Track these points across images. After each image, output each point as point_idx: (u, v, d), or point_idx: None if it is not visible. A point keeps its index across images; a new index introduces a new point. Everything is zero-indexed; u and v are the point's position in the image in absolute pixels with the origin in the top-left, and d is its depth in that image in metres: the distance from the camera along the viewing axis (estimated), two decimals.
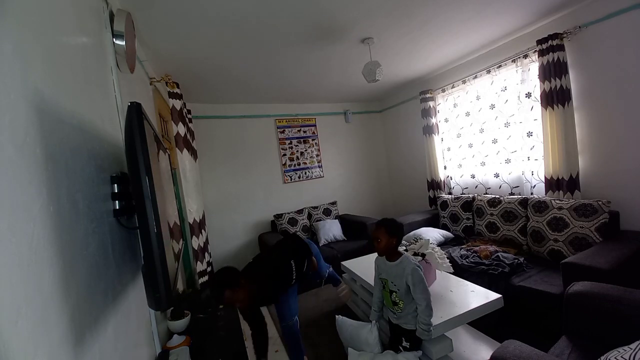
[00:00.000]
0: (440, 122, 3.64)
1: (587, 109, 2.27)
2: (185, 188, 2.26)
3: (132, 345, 0.98)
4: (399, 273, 1.54)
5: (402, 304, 1.56)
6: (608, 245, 1.88)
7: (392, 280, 1.59)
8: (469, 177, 3.35)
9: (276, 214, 3.70)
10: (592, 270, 1.61)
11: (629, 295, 1.24)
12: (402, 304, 1.56)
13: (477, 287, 1.84)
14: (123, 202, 0.94)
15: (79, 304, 0.63)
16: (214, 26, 1.84)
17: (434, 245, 2.19)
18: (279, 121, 3.98)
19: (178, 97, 2.20)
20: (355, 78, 3.19)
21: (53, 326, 0.53)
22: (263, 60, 2.47)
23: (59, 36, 0.75)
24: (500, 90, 2.86)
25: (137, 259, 1.10)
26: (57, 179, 0.61)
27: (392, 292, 1.60)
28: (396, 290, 1.57)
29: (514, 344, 1.16)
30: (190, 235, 2.33)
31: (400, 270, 1.54)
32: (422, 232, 2.93)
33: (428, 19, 2.12)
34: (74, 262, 0.63)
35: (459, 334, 1.96)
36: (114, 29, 1.22)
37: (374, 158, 4.73)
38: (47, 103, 0.61)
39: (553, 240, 2.21)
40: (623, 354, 0.89)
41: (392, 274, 1.58)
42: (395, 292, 1.58)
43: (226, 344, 1.44)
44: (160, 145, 1.26)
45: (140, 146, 0.80)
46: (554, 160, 2.38)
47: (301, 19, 1.90)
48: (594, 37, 2.16)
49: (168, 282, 0.84)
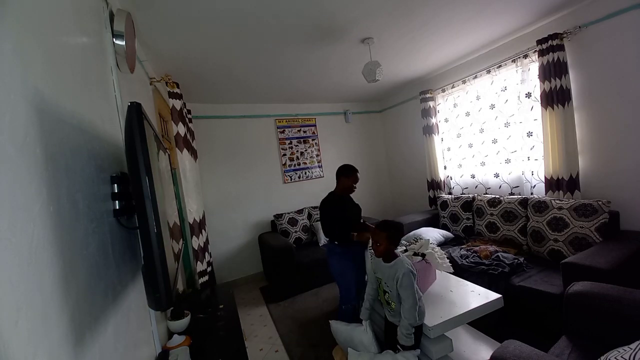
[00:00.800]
0: (440, 122, 3.64)
1: (587, 109, 2.27)
2: (185, 188, 2.26)
3: (132, 345, 0.98)
4: (392, 275, 1.54)
5: (394, 305, 1.56)
6: (608, 245, 1.88)
7: (385, 281, 1.60)
8: (469, 177, 3.35)
9: (276, 214, 3.70)
10: (592, 270, 1.61)
11: (629, 295, 1.24)
12: (394, 305, 1.56)
13: (477, 287, 1.84)
14: (123, 202, 0.94)
15: (79, 304, 0.63)
16: (214, 26, 1.84)
17: (434, 245, 2.19)
18: (279, 121, 3.99)
19: (178, 97, 2.20)
20: (355, 78, 3.19)
21: (53, 326, 0.53)
22: (263, 60, 2.47)
23: (59, 36, 0.75)
24: (500, 90, 2.86)
25: (137, 259, 1.10)
26: (57, 179, 0.61)
27: (385, 292, 1.61)
28: (389, 291, 1.58)
29: (514, 344, 1.16)
30: (190, 235, 2.33)
31: (393, 272, 1.54)
32: (422, 232, 2.93)
33: (428, 19, 2.12)
34: (74, 262, 0.63)
35: (459, 334, 1.96)
36: (114, 29, 1.22)
37: (374, 158, 4.73)
38: (47, 103, 0.61)
39: (553, 240, 2.21)
40: (623, 354, 0.89)
41: (386, 275, 1.59)
42: (388, 293, 1.59)
43: (226, 344, 1.44)
44: (160, 145, 1.26)
45: (140, 146, 0.80)
46: (554, 160, 2.38)
47: (301, 19, 1.90)
48: (594, 37, 2.16)
49: (168, 282, 0.84)
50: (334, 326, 1.91)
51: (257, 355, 2.17)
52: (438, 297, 1.80)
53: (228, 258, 3.61)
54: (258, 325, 2.47)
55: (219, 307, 1.85)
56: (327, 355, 2.03)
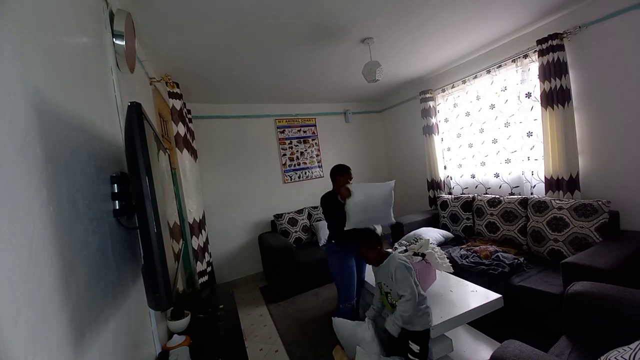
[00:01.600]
0: (440, 122, 3.64)
1: (587, 109, 2.27)
2: (185, 188, 2.26)
3: (132, 345, 0.98)
4: (387, 272, 1.57)
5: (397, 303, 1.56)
6: (608, 245, 1.88)
7: (384, 282, 1.61)
8: (469, 177, 3.35)
9: (276, 213, 3.70)
10: (592, 270, 1.61)
11: (629, 295, 1.24)
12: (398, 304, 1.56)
13: (477, 287, 1.84)
14: (123, 202, 0.94)
15: (79, 304, 0.63)
16: (214, 26, 1.84)
17: (434, 245, 2.19)
18: (279, 121, 3.98)
19: (178, 97, 2.20)
20: (355, 78, 3.19)
21: (53, 326, 0.53)
22: (263, 60, 2.47)
23: (59, 36, 0.75)
24: (500, 90, 2.86)
25: (137, 259, 1.10)
26: (57, 179, 0.61)
27: (387, 293, 1.61)
28: (389, 290, 1.59)
29: (514, 344, 1.16)
30: (190, 235, 2.33)
31: (387, 269, 1.57)
32: (422, 232, 2.93)
33: (428, 18, 2.12)
34: (74, 262, 0.63)
35: (459, 334, 1.96)
36: (114, 29, 1.22)
37: (374, 158, 4.72)
38: (47, 103, 0.61)
39: (553, 240, 2.21)
40: (623, 354, 0.89)
41: (382, 275, 1.61)
42: (389, 293, 1.59)
43: (226, 344, 1.44)
44: (160, 145, 1.26)
45: (140, 146, 0.80)
46: (554, 160, 2.38)
47: (301, 19, 1.90)
48: (594, 37, 2.16)
49: (168, 282, 0.84)
50: (337, 323, 1.90)
51: (257, 355, 2.17)
52: (438, 297, 1.80)
53: (228, 258, 3.61)
54: (258, 325, 2.47)
55: (219, 307, 1.85)
56: (327, 355, 2.03)
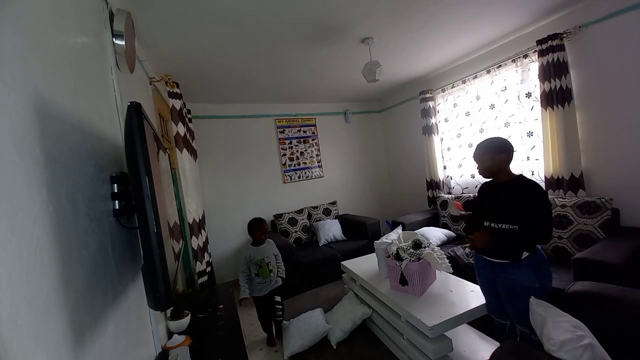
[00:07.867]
0: (440, 122, 3.64)
1: (589, 109, 2.27)
2: (185, 188, 2.26)
3: (132, 345, 0.98)
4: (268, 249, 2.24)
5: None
6: (613, 241, 1.89)
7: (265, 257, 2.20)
8: (469, 177, 3.35)
9: (276, 213, 3.70)
10: (604, 265, 1.61)
11: (629, 295, 1.24)
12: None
13: (477, 287, 1.84)
14: (123, 202, 0.94)
15: (79, 304, 0.62)
16: (214, 26, 1.84)
17: (434, 246, 2.19)
18: (279, 121, 3.98)
19: (178, 97, 2.20)
20: (355, 78, 3.19)
21: (53, 326, 0.53)
22: (263, 59, 2.47)
23: (59, 36, 0.75)
24: (500, 90, 2.86)
25: (137, 259, 1.10)
26: (57, 179, 0.61)
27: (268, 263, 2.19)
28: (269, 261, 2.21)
29: (514, 344, 1.16)
30: (190, 235, 2.33)
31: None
32: (425, 231, 2.93)
33: (428, 18, 2.12)
34: (74, 262, 0.63)
35: (459, 334, 1.96)
36: (114, 29, 1.22)
37: (374, 158, 4.73)
38: (47, 103, 0.61)
39: (557, 238, 2.21)
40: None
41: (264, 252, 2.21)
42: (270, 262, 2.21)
43: (226, 344, 1.44)
44: (160, 145, 1.26)
45: (140, 146, 0.80)
46: (554, 160, 2.38)
47: (301, 19, 1.90)
48: (594, 37, 2.16)
49: (168, 282, 0.84)
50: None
51: (257, 355, 2.17)
52: (438, 297, 1.80)
53: (228, 258, 3.61)
54: (258, 325, 2.46)
55: (219, 307, 1.85)
56: (327, 355, 2.03)
